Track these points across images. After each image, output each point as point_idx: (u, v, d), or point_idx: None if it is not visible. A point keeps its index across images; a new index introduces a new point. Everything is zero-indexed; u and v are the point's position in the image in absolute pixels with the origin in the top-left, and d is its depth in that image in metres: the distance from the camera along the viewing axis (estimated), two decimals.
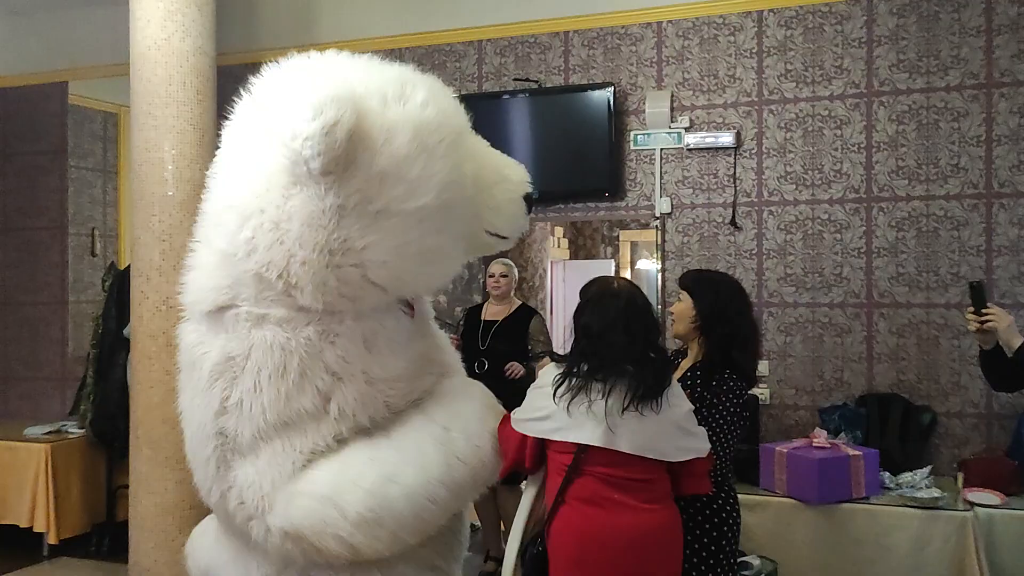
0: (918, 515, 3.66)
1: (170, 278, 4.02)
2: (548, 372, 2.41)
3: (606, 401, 2.26)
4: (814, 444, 3.91)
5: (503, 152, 2.56)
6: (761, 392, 4.57)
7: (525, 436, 2.34)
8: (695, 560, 2.62)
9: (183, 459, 2.40)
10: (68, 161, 6.19)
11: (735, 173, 4.68)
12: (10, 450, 5.33)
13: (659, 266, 4.88)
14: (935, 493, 3.72)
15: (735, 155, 4.68)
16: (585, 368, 2.31)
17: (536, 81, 5.03)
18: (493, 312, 4.76)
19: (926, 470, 3.96)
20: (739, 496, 3.91)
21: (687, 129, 4.75)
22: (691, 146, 4.74)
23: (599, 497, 2.30)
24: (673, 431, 2.33)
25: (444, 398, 2.30)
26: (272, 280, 1.99)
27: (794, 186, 4.61)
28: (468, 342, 4.65)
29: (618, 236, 5.91)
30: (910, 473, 3.95)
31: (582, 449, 2.29)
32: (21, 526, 5.29)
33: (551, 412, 2.30)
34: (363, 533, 2.04)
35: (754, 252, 4.67)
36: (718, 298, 2.69)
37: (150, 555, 4.26)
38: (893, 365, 4.43)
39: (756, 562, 3.72)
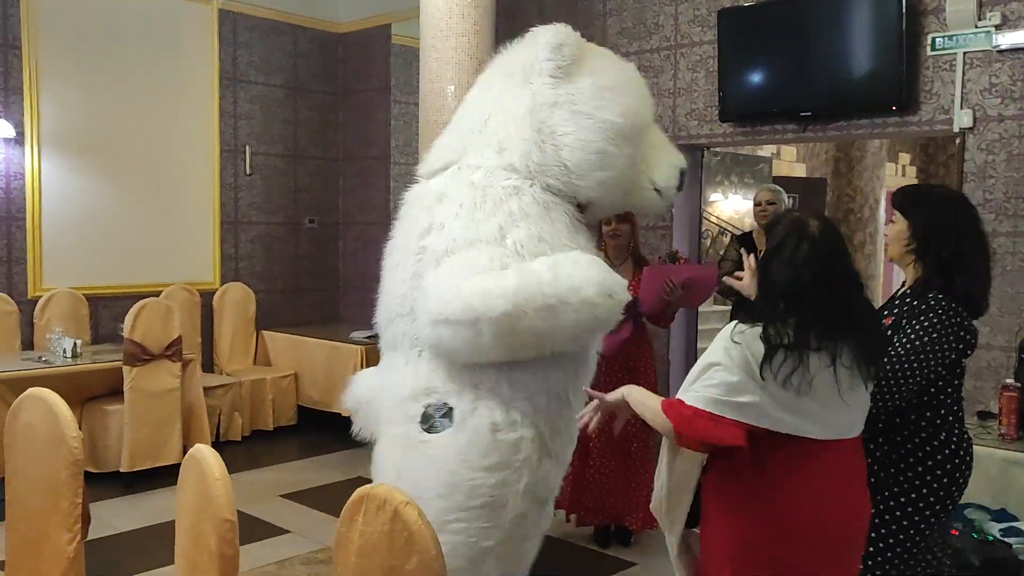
0: None
1: None
2: (749, 339, 1.99)
3: (835, 376, 1.96)
4: None
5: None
6: None
7: (735, 423, 1.96)
8: (891, 504, 2.33)
9: None
10: (391, 96, 6.89)
11: None
12: (335, 349, 6.21)
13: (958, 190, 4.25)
14: None
15: None
16: (793, 336, 1.94)
17: None
18: (763, 242, 4.54)
19: None
20: None
21: (998, 27, 4.03)
22: (1002, 47, 4.02)
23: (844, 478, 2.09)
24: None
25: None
26: (493, 144, 2.77)
27: None
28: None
29: None
30: None
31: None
32: (343, 415, 6.15)
33: (758, 394, 1.95)
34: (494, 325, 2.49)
35: None
36: (933, 215, 2.35)
37: None
38: None
39: None
